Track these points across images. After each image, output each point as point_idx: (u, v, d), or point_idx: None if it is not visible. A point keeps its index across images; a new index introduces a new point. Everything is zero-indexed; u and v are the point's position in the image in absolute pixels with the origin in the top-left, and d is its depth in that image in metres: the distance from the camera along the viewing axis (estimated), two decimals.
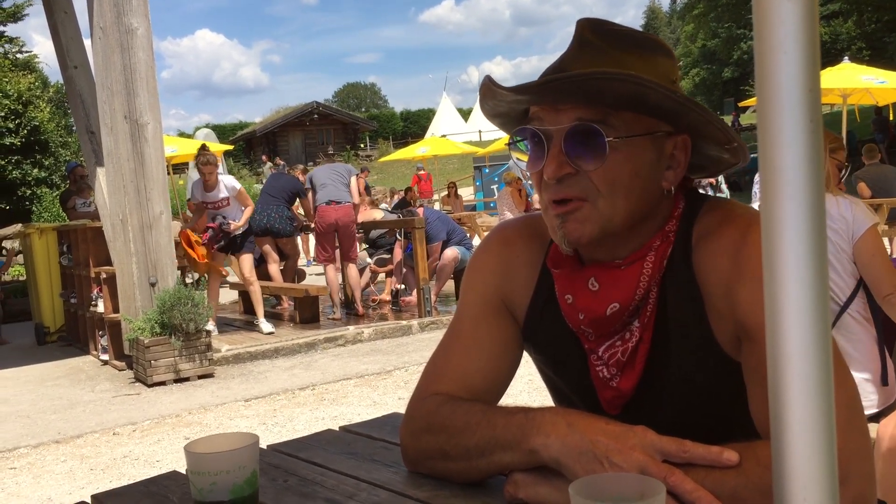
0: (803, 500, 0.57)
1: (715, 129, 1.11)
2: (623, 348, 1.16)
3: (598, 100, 1.07)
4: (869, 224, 2.51)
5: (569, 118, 1.09)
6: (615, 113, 1.08)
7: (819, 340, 0.57)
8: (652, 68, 1.11)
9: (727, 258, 1.09)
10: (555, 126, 1.10)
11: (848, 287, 2.55)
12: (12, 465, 4.77)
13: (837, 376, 0.97)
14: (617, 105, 1.08)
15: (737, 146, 1.13)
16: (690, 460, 0.93)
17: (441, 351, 1.29)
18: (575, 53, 1.13)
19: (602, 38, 1.13)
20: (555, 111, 1.10)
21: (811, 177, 0.56)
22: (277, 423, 5.18)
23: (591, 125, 1.07)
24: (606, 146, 1.07)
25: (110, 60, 6.61)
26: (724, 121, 1.13)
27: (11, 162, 17.40)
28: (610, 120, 1.08)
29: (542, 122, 1.11)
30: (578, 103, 1.08)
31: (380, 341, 7.68)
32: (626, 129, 1.09)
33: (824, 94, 13.29)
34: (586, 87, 1.06)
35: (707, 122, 1.10)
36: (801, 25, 0.56)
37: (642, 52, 1.13)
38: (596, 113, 1.08)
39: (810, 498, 0.57)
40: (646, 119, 1.10)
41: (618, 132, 1.08)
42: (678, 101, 1.07)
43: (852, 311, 2.55)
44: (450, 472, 1.14)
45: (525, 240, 1.30)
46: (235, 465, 0.95)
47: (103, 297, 7.38)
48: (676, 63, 1.20)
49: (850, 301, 2.54)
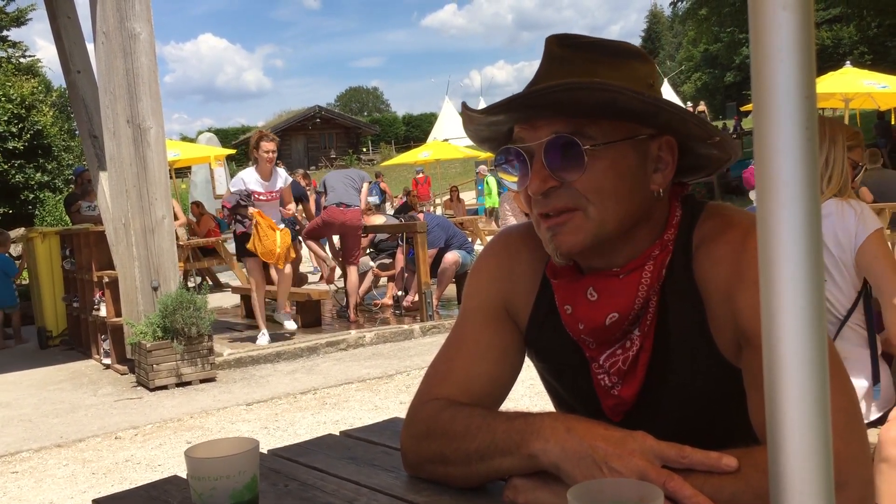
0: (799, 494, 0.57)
1: (692, 126, 1.12)
2: (624, 357, 1.16)
3: (572, 111, 1.09)
4: (872, 228, 2.49)
5: (546, 132, 1.10)
6: (591, 122, 1.09)
7: (815, 346, 0.58)
8: (626, 74, 1.12)
9: (727, 265, 1.10)
10: (534, 142, 1.11)
11: (848, 300, 2.53)
12: (14, 469, 4.77)
13: (836, 382, 0.98)
14: (591, 114, 1.09)
15: (720, 140, 1.14)
16: (690, 466, 0.93)
17: (442, 355, 1.30)
18: (547, 69, 1.15)
19: (571, 51, 1.14)
20: (533, 128, 1.12)
21: (807, 183, 0.56)
22: (279, 428, 5.18)
23: (566, 137, 1.08)
24: (584, 155, 1.08)
25: (113, 65, 6.63)
26: (702, 117, 1.14)
27: (14, 166, 17.42)
28: (586, 130, 1.09)
29: (523, 140, 1.13)
30: (554, 117, 1.10)
31: (381, 345, 7.69)
32: (602, 136, 1.09)
33: (826, 99, 13.37)
34: (557, 99, 1.07)
35: (682, 119, 1.11)
36: (797, 33, 0.56)
37: (615, 59, 1.14)
38: (571, 124, 1.09)
39: (806, 491, 0.57)
40: (624, 124, 1.11)
41: (594, 140, 1.09)
42: (647, 101, 1.07)
43: (852, 322, 2.53)
44: (450, 476, 1.14)
45: (528, 246, 1.30)
46: (235, 469, 0.95)
47: (106, 301, 7.39)
48: (653, 67, 1.20)
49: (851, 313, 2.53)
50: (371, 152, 47.44)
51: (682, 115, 1.10)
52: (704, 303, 1.12)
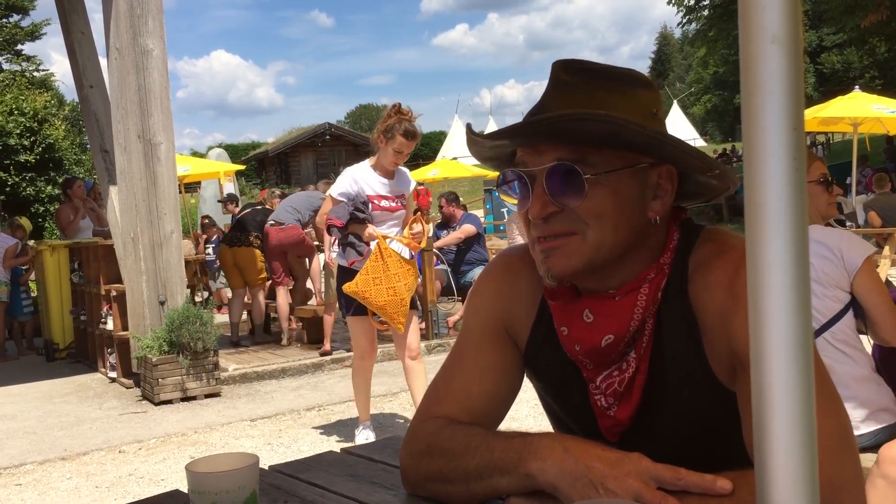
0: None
1: (692, 159, 1.13)
2: (620, 378, 1.17)
3: (576, 139, 1.10)
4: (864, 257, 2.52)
5: (549, 158, 1.12)
6: (594, 150, 1.11)
7: (802, 372, 0.59)
8: (630, 102, 1.14)
9: (723, 289, 1.11)
10: (537, 167, 1.13)
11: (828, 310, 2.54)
12: (18, 482, 4.78)
13: (828, 407, 0.99)
14: (594, 143, 1.10)
15: (719, 173, 1.16)
16: (685, 488, 0.94)
17: (443, 374, 1.31)
18: (552, 94, 1.17)
19: (578, 77, 1.16)
20: (536, 153, 1.13)
21: (795, 212, 0.58)
22: (282, 444, 5.18)
23: (569, 164, 1.10)
24: (585, 184, 1.09)
25: (125, 80, 6.69)
26: (716, 147, 1.16)
27: (26, 179, 17.55)
28: (588, 158, 1.10)
29: (526, 164, 1.15)
30: (558, 143, 1.11)
31: (387, 363, 7.68)
32: (605, 165, 1.11)
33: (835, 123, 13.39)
34: (561, 128, 1.09)
35: (684, 153, 1.13)
36: (786, 66, 0.57)
37: (620, 86, 1.16)
38: (574, 152, 1.10)
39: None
40: (626, 154, 1.13)
41: (596, 169, 1.10)
42: (650, 136, 1.09)
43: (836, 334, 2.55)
44: (448, 495, 1.15)
45: (528, 267, 1.31)
46: (236, 485, 0.96)
47: (113, 314, 7.42)
48: (657, 94, 1.22)
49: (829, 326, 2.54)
50: None
51: (683, 148, 1.12)
52: (700, 326, 1.13)
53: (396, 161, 4.69)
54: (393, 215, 4.79)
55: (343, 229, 4.68)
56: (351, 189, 4.70)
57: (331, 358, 7.65)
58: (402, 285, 4.56)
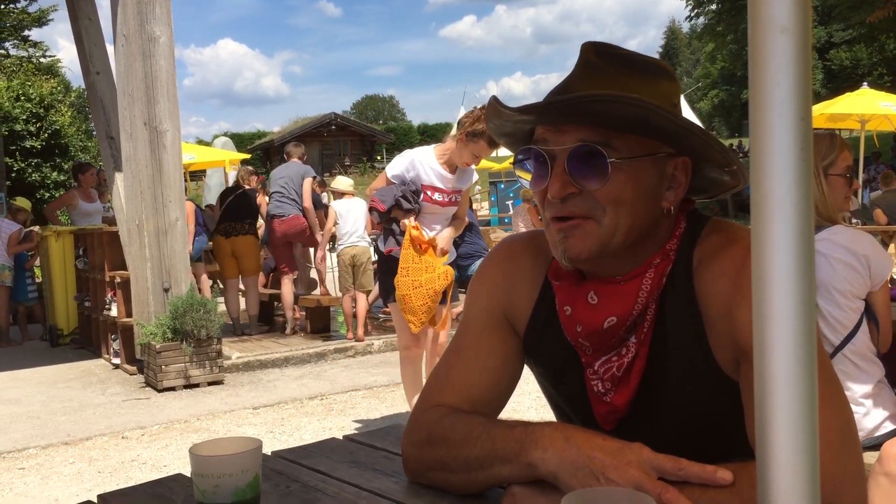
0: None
1: (715, 152, 1.13)
2: (619, 363, 1.17)
3: (602, 121, 1.10)
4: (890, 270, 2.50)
5: (572, 139, 1.11)
6: (618, 134, 1.10)
7: (805, 363, 0.59)
8: (654, 91, 1.14)
9: (728, 280, 1.11)
10: (559, 147, 1.12)
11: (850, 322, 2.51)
12: (21, 466, 4.81)
13: (831, 402, 0.99)
14: (620, 127, 1.10)
15: (736, 169, 1.16)
16: (685, 478, 0.95)
17: (444, 363, 1.31)
18: (580, 75, 1.16)
19: (606, 61, 1.15)
20: (559, 132, 1.13)
21: (801, 201, 0.58)
22: (285, 432, 5.20)
23: (594, 146, 1.09)
24: (609, 167, 1.09)
25: (132, 67, 6.70)
26: (724, 143, 1.16)
27: (31, 165, 17.56)
28: (613, 141, 1.10)
29: (547, 142, 1.14)
30: (582, 124, 1.11)
31: (390, 353, 7.69)
32: (628, 150, 1.11)
33: (842, 119, 13.32)
34: (590, 108, 1.08)
35: (707, 145, 1.13)
36: (794, 56, 0.57)
37: (645, 75, 1.16)
38: (599, 134, 1.10)
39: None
40: (648, 141, 1.13)
41: (620, 153, 1.10)
42: (680, 124, 1.09)
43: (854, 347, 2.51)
44: (449, 483, 1.16)
45: (529, 255, 1.32)
46: (238, 468, 0.97)
47: (117, 301, 7.44)
48: (678, 87, 1.22)
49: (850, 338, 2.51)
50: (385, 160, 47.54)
51: (708, 140, 1.12)
52: (703, 316, 1.13)
53: (470, 162, 4.38)
54: (443, 210, 4.47)
55: (385, 214, 4.40)
56: (407, 173, 4.40)
57: (334, 347, 7.67)
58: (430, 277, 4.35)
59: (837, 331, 2.48)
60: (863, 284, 2.46)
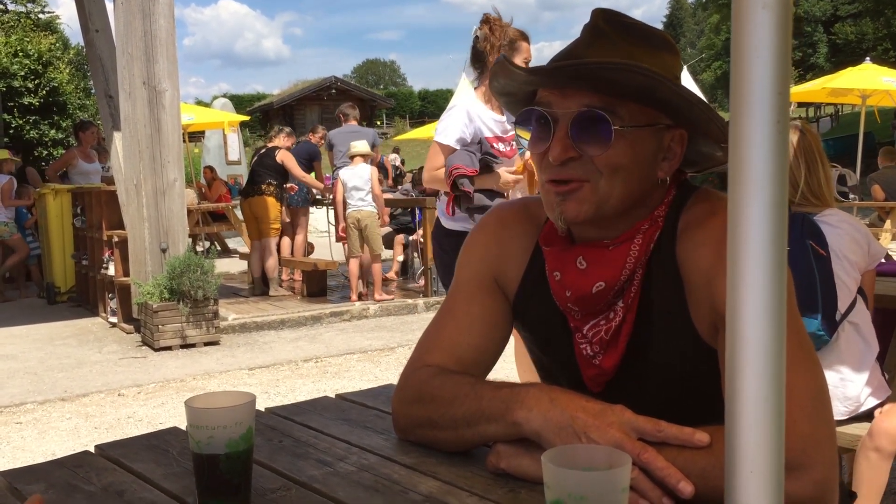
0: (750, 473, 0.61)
1: (715, 126, 1.15)
2: (607, 327, 1.20)
3: (606, 89, 1.12)
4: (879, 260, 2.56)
5: (576, 104, 1.13)
6: (621, 102, 1.12)
7: (774, 327, 0.61)
8: (658, 62, 1.15)
9: (709, 249, 1.13)
10: (562, 110, 1.14)
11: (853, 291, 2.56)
12: (18, 420, 4.86)
13: (806, 367, 1.01)
14: (624, 95, 1.12)
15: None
16: (664, 439, 0.98)
17: (435, 325, 1.34)
18: (587, 41, 1.18)
19: (615, 29, 1.17)
20: (563, 96, 1.14)
21: (776, 173, 0.60)
22: (279, 393, 5.26)
23: (598, 112, 1.11)
24: (612, 134, 1.11)
25: (131, 26, 6.65)
26: (724, 119, 1.17)
27: (29, 122, 17.46)
28: (616, 109, 1.12)
29: (550, 105, 1.16)
30: (587, 90, 1.13)
31: (385, 318, 7.74)
32: (630, 118, 1.13)
33: (844, 94, 13.26)
34: (598, 75, 1.10)
35: (708, 119, 1.15)
36: (775, 31, 0.59)
37: (649, 46, 1.17)
38: (603, 101, 1.12)
39: (756, 470, 0.61)
40: (649, 111, 1.15)
41: (623, 121, 1.12)
42: (684, 97, 1.11)
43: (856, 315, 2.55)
44: (437, 440, 1.19)
45: (520, 221, 1.34)
46: (232, 420, 0.99)
47: (114, 260, 7.46)
48: (680, 60, 1.24)
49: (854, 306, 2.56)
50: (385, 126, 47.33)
51: (710, 115, 1.14)
52: (685, 283, 1.16)
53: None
54: (509, 163, 3.60)
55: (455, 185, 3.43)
56: (466, 132, 3.41)
57: (329, 311, 7.71)
58: None
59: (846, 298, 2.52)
60: (863, 258, 2.52)
